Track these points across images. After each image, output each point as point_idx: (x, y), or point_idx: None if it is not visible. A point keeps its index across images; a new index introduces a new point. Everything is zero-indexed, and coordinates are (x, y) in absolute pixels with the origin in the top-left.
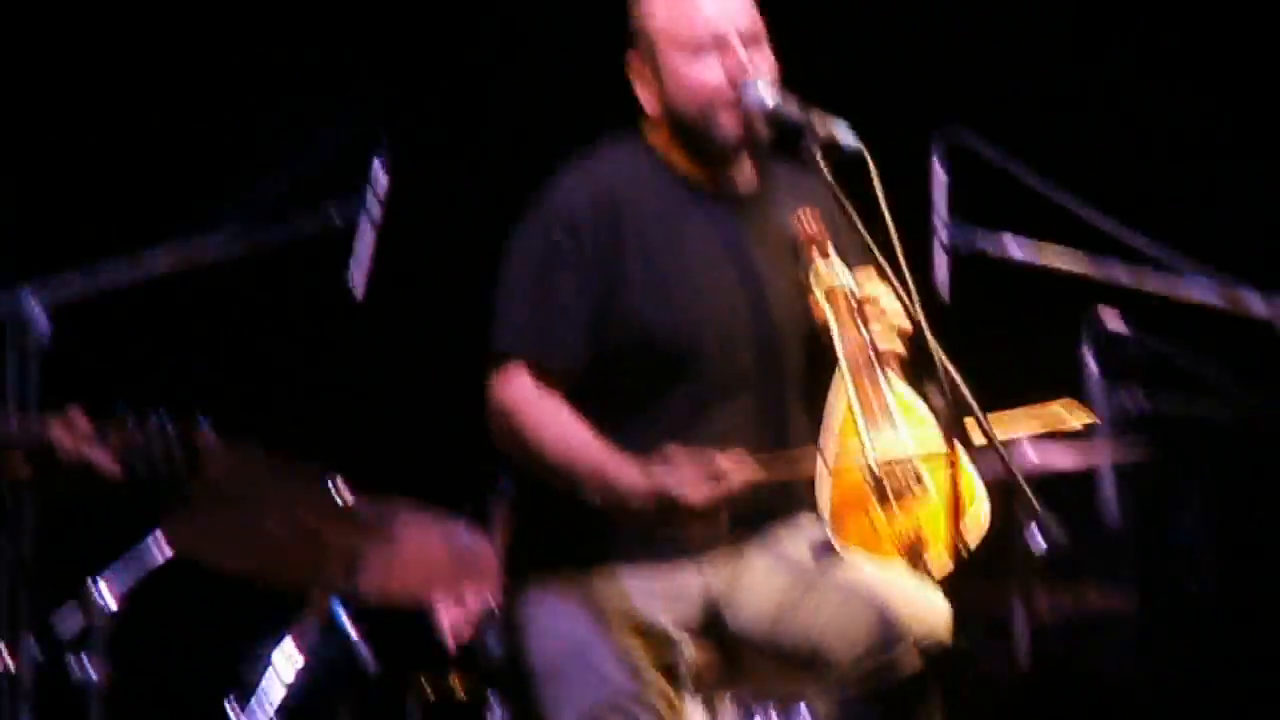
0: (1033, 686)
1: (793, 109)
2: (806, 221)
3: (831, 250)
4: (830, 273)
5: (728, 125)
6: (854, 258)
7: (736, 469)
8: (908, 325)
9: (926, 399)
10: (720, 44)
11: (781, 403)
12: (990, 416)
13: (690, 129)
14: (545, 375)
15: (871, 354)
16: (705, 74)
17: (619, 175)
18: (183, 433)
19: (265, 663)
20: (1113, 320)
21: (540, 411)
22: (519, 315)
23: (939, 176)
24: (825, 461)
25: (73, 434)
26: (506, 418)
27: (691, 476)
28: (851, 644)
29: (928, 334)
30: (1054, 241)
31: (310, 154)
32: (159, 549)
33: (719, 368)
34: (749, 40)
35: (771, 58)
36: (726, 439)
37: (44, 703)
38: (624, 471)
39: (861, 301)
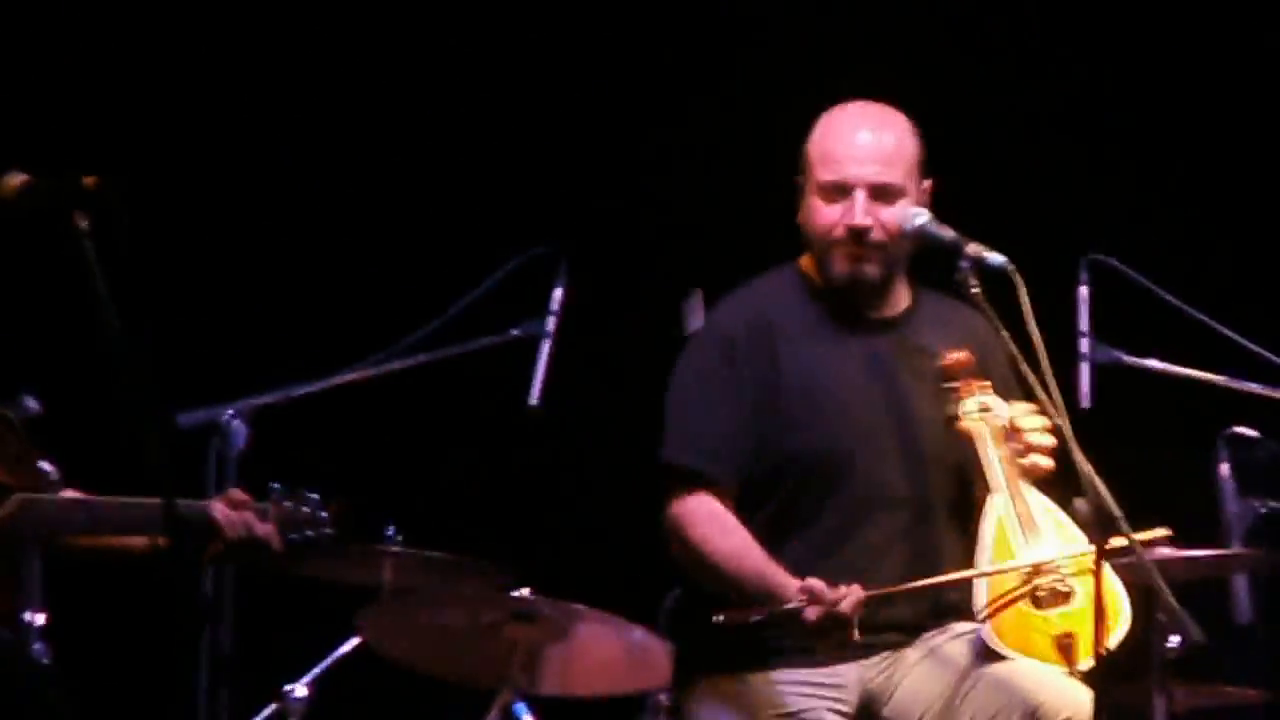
0: None
1: (942, 230)
2: (954, 359)
3: (979, 384)
4: (978, 400)
5: (838, 264)
6: (1001, 384)
7: (850, 592)
8: (1050, 443)
9: (1070, 509)
10: (844, 192)
11: (929, 519)
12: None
13: (817, 259)
14: (713, 489)
15: (1018, 472)
16: (823, 213)
17: (774, 303)
18: (334, 512)
19: None
20: (1247, 430)
21: (709, 523)
22: (687, 434)
23: (1082, 294)
24: (981, 571)
25: (235, 510)
26: (679, 528)
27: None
28: None
29: (1073, 445)
30: (1194, 364)
31: (491, 277)
32: (349, 645)
33: (868, 485)
34: (877, 194)
35: (905, 208)
36: (876, 553)
37: None
38: (777, 581)
39: (1010, 426)
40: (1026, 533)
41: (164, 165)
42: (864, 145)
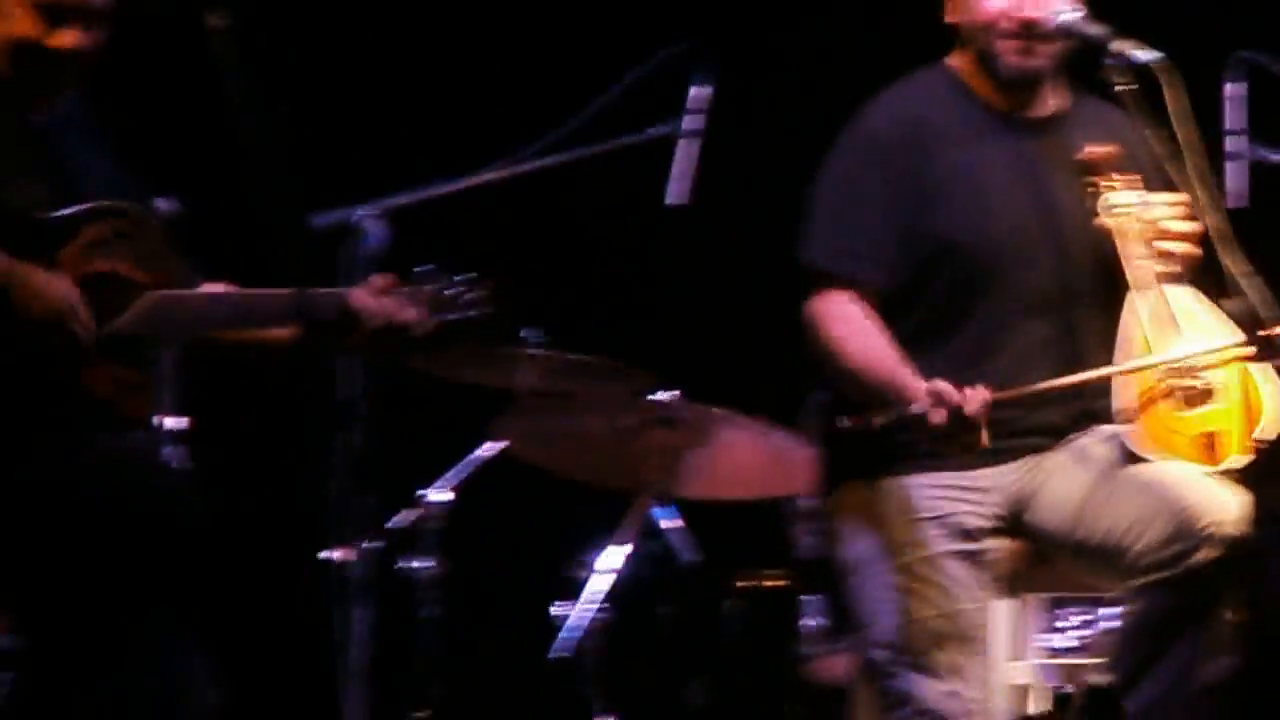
0: None
1: (1090, 26)
2: (1098, 149)
3: (1122, 176)
4: (1121, 196)
5: (1008, 57)
6: (1155, 182)
7: (974, 394)
8: (1198, 237)
9: (1220, 305)
10: None
11: (1078, 320)
12: None
13: (979, 54)
14: (856, 291)
15: (1162, 269)
16: (992, 6)
17: (924, 102)
18: (486, 289)
19: (590, 560)
20: None
21: (845, 323)
22: (831, 235)
23: (1233, 91)
24: (1123, 370)
25: (379, 296)
26: (816, 329)
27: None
28: (1149, 534)
29: (1225, 241)
30: None
31: (634, 73)
32: (489, 448)
33: (1017, 287)
34: None
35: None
36: (1026, 355)
37: (381, 595)
38: (907, 380)
39: (1157, 222)
40: (1169, 331)
41: None
42: None
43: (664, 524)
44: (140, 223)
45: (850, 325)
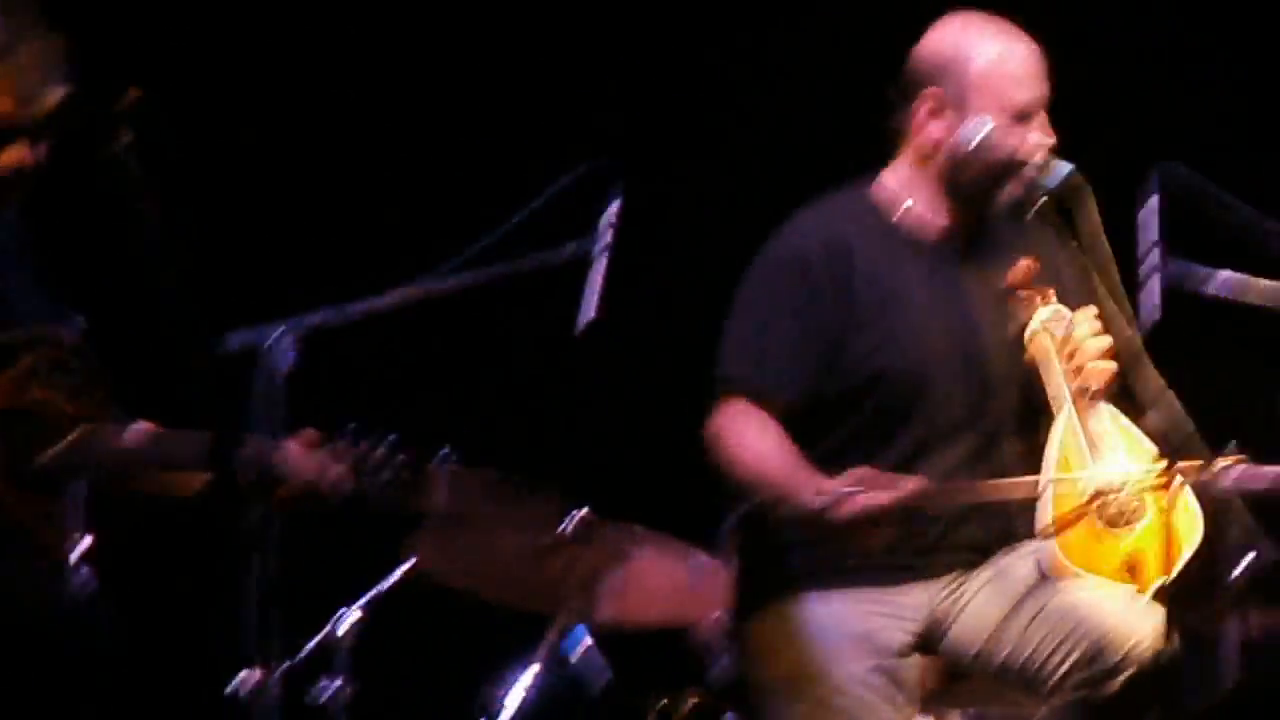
0: (1241, 703)
1: (1007, 146)
2: (1017, 270)
3: (1043, 294)
4: (1040, 315)
5: (1013, 191)
6: (1072, 298)
7: (904, 483)
8: (1112, 353)
9: (1140, 421)
10: (1033, 113)
11: (998, 443)
12: None
13: (972, 181)
14: (762, 406)
15: (1082, 388)
16: (1025, 137)
17: (848, 223)
18: (409, 455)
19: (505, 685)
20: None
21: (743, 429)
22: (742, 349)
23: (1151, 205)
24: (1045, 489)
25: (306, 453)
26: (715, 438)
27: (865, 484)
28: (1069, 657)
29: (1141, 356)
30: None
31: (546, 192)
32: (401, 570)
33: (940, 412)
34: (1047, 110)
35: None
36: (946, 478)
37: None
38: (804, 479)
39: (1071, 340)
40: (1092, 452)
41: (208, 77)
42: (1038, 61)
43: (579, 645)
44: (76, 354)
45: (748, 428)
